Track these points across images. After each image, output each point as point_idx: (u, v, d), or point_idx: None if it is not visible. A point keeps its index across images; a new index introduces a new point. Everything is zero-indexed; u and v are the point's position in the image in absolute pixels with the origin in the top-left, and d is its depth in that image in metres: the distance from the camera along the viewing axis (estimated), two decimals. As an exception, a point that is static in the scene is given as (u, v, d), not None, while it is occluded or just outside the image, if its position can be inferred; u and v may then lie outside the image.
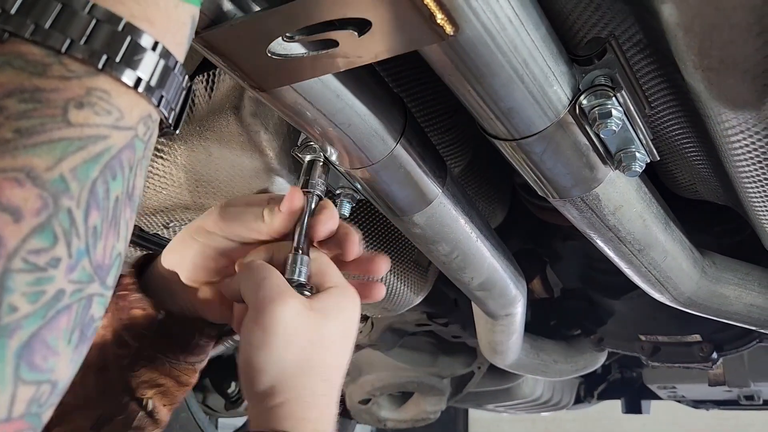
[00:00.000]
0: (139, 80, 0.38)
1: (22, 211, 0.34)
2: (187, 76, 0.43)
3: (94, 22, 0.37)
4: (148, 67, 0.39)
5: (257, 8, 0.51)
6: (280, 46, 0.52)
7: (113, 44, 0.37)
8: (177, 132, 0.44)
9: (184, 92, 0.44)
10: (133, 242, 1.08)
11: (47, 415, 0.36)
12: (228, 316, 0.67)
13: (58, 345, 0.35)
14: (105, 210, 0.37)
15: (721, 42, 0.51)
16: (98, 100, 0.37)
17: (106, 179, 0.37)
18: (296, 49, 0.52)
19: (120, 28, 0.38)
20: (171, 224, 1.00)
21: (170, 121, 0.42)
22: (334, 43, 0.50)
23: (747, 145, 0.63)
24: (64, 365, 0.36)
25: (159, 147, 0.84)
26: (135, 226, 1.03)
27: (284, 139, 0.80)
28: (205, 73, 0.79)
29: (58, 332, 0.35)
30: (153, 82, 0.39)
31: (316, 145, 0.73)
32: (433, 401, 2.23)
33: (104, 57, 0.37)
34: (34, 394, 0.34)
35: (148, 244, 1.09)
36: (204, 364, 0.72)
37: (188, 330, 0.68)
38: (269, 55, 0.52)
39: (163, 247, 1.11)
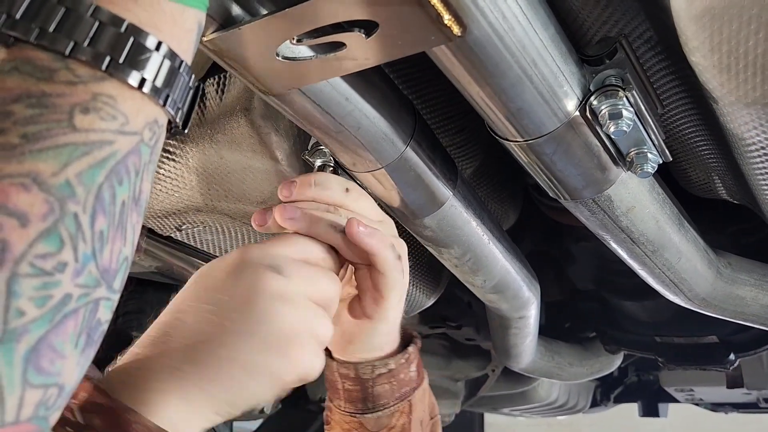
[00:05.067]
0: (143, 80, 0.39)
1: (28, 216, 0.34)
2: (194, 76, 0.43)
3: (97, 24, 0.37)
4: (152, 67, 0.39)
5: (265, 11, 0.51)
6: (288, 49, 0.52)
7: (117, 46, 0.38)
8: (186, 132, 0.44)
9: (191, 92, 0.44)
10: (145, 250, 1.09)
11: (54, 417, 0.36)
12: None
13: (65, 349, 0.35)
14: (111, 215, 0.38)
15: (732, 37, 0.50)
16: (104, 105, 0.37)
17: (112, 184, 0.37)
18: (304, 51, 0.52)
19: (123, 29, 0.38)
20: (183, 227, 1.01)
21: (178, 120, 0.42)
22: (342, 46, 0.50)
23: (761, 141, 0.62)
24: (71, 369, 0.36)
25: (170, 149, 0.85)
26: (148, 229, 1.04)
27: (295, 140, 0.80)
28: (216, 76, 0.79)
29: (65, 336, 0.35)
30: (159, 83, 0.39)
31: (325, 149, 0.73)
32: (447, 404, 2.22)
33: (108, 58, 0.37)
34: (42, 397, 0.35)
35: (162, 245, 1.10)
36: None
37: None
38: (278, 58, 0.52)
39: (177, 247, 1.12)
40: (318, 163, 0.73)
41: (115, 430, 0.48)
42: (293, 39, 0.51)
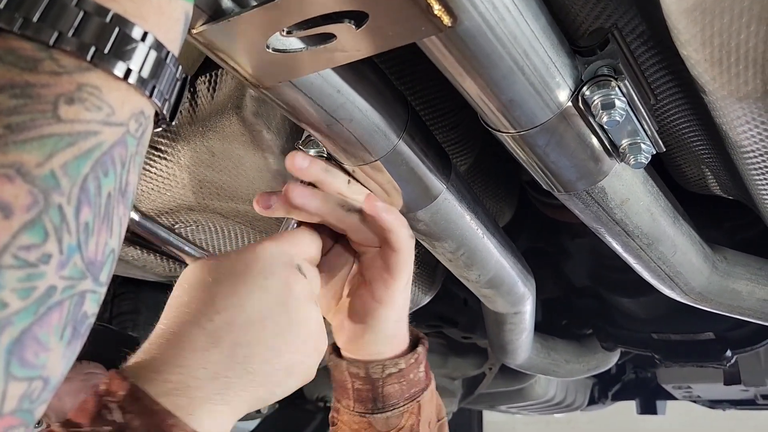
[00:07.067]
0: (129, 71, 0.38)
1: (12, 207, 0.34)
2: (181, 67, 0.43)
3: (82, 14, 0.37)
4: (138, 58, 0.39)
5: (255, 3, 0.51)
6: (278, 41, 0.52)
7: (102, 36, 0.37)
8: (173, 124, 0.44)
9: (178, 83, 0.43)
10: (140, 245, 1.08)
11: (39, 410, 0.36)
12: None
13: (49, 341, 0.35)
14: (97, 206, 0.37)
15: (724, 30, 0.50)
16: (89, 95, 0.37)
17: (97, 175, 0.37)
18: (295, 43, 0.52)
19: (108, 19, 0.37)
20: (176, 226, 1.00)
21: (165, 112, 0.42)
22: (332, 37, 0.50)
23: (754, 136, 0.62)
24: (56, 361, 0.36)
25: (162, 148, 0.84)
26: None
27: (287, 138, 0.80)
28: (208, 74, 0.79)
29: (50, 328, 0.35)
30: (145, 74, 0.39)
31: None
32: (445, 402, 2.20)
33: (93, 49, 0.37)
34: (26, 390, 0.34)
35: (156, 247, 1.09)
36: None
37: None
38: (268, 50, 0.51)
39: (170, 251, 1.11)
40: (311, 153, 0.73)
41: None
42: (283, 31, 0.50)
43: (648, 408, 2.82)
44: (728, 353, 1.58)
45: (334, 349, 0.79)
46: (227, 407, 0.53)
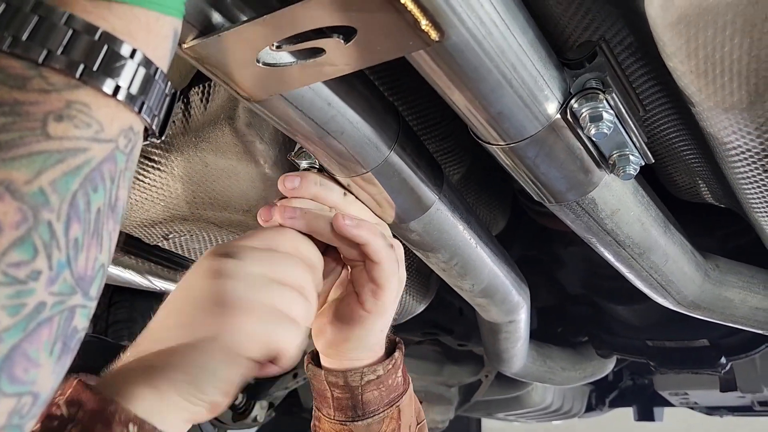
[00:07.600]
0: (118, 88, 0.38)
1: (1, 225, 0.34)
2: (170, 83, 0.43)
3: (71, 32, 0.37)
4: (127, 74, 0.39)
5: (245, 18, 0.51)
6: (268, 55, 0.52)
7: (91, 53, 0.37)
8: (162, 139, 0.44)
9: (167, 99, 0.44)
10: (134, 254, 1.09)
11: (29, 426, 0.36)
12: None
13: (39, 357, 0.35)
14: (86, 222, 0.37)
15: (708, 43, 0.50)
16: (78, 113, 0.37)
17: (86, 191, 0.37)
18: (284, 57, 0.52)
19: (97, 37, 0.38)
20: (170, 235, 1.00)
21: (154, 127, 0.42)
22: (321, 51, 0.50)
23: (740, 146, 0.62)
24: (46, 377, 0.36)
25: (155, 158, 0.85)
26: (134, 238, 1.03)
27: (280, 148, 0.80)
28: (201, 85, 0.79)
29: (40, 344, 0.35)
30: (133, 90, 0.39)
31: (311, 152, 0.73)
32: (441, 410, 2.22)
33: (82, 66, 0.37)
34: (15, 405, 0.34)
35: (150, 256, 1.09)
36: None
37: None
38: (258, 64, 0.52)
39: (166, 259, 1.11)
40: (303, 164, 0.73)
41: (98, 420, 0.52)
42: (273, 45, 0.51)
43: (645, 414, 2.83)
44: (723, 360, 1.58)
45: (313, 359, 0.79)
46: (157, 394, 0.55)
